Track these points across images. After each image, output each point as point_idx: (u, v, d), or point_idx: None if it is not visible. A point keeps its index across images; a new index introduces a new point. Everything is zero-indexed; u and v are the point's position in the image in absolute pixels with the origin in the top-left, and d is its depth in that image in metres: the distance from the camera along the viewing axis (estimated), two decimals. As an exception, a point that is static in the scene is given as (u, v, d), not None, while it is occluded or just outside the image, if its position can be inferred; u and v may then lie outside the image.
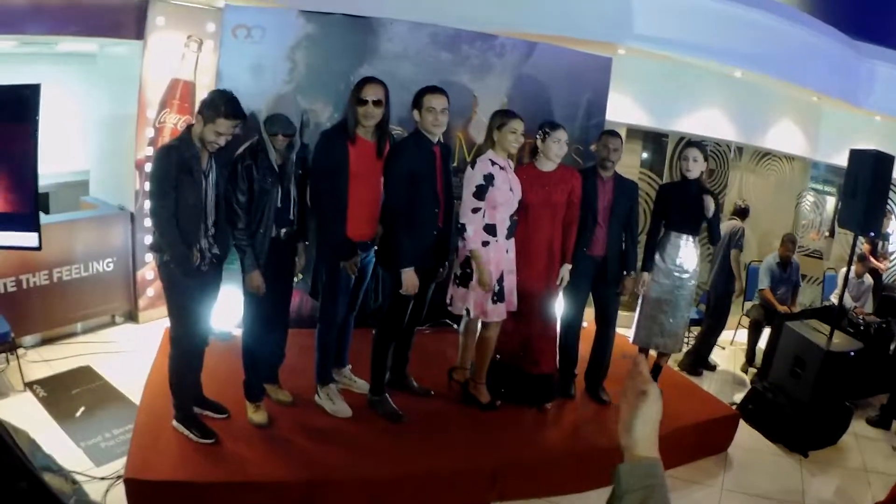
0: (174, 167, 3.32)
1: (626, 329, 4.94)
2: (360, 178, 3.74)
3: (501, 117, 4.02)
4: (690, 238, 4.53)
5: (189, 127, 3.47)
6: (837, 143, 7.74)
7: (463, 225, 3.96)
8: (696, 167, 4.46)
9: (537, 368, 4.37)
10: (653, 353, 4.77)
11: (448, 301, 4.18)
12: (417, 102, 3.79)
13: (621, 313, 4.77)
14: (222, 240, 3.62)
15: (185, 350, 3.63)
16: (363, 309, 4.23)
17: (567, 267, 4.32)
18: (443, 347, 4.86)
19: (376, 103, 3.69)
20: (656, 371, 4.73)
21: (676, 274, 4.53)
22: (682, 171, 4.56)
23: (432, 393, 4.40)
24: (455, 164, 4.32)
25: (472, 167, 3.99)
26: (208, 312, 3.76)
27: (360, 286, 4.09)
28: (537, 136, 4.20)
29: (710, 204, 4.40)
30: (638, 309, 4.74)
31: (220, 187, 3.52)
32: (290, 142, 3.67)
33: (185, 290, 3.52)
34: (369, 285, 4.20)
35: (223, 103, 3.34)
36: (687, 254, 4.52)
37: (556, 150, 4.15)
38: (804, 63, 6.68)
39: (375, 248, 4.00)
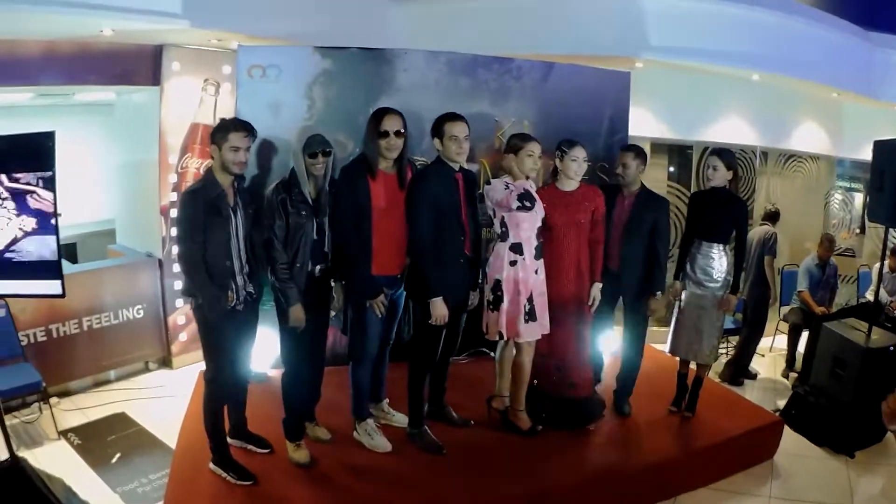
0: (200, 210, 3.34)
1: (660, 344, 4.87)
2: (385, 212, 3.70)
3: (518, 141, 3.99)
4: (720, 247, 4.45)
5: (209, 169, 3.49)
6: (861, 138, 7.64)
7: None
8: (716, 175, 4.38)
9: (574, 391, 4.32)
10: (693, 366, 4.69)
11: (484, 329, 4.12)
12: (438, 131, 3.73)
13: (659, 329, 4.70)
14: (256, 278, 3.62)
15: (220, 392, 3.62)
16: (397, 342, 4.18)
17: (597, 286, 4.27)
18: (480, 376, 4.80)
19: (398, 134, 3.65)
20: (697, 384, 4.65)
21: (707, 283, 4.45)
22: (705, 180, 4.51)
23: (472, 423, 4.34)
24: (480, 191, 4.29)
25: (489, 184, 4.03)
26: (246, 353, 3.75)
27: (393, 320, 4.05)
28: (556, 156, 4.16)
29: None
30: (673, 319, 4.68)
31: (248, 226, 3.54)
32: (326, 165, 3.64)
33: (220, 332, 3.51)
34: (402, 318, 4.15)
35: (228, 122, 3.48)
36: (717, 263, 4.44)
37: (574, 168, 4.11)
38: (819, 59, 6.65)
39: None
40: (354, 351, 3.91)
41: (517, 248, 3.95)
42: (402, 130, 3.67)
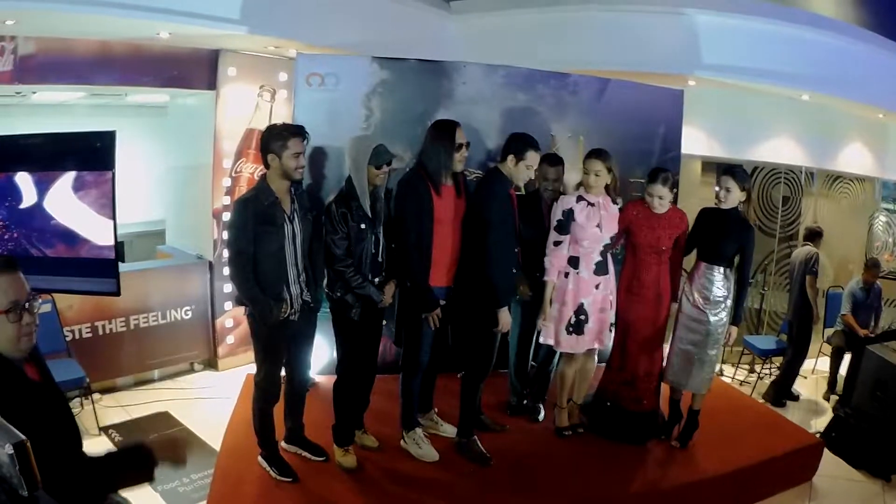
0: (251, 220, 3.32)
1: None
2: (444, 224, 3.70)
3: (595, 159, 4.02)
4: (722, 270, 4.15)
5: (263, 176, 3.47)
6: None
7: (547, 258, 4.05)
8: (729, 197, 4.03)
9: (639, 406, 4.33)
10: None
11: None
12: (520, 154, 3.75)
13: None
14: (314, 286, 3.61)
15: (268, 395, 3.62)
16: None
17: (674, 305, 4.28)
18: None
19: (467, 146, 3.74)
20: (693, 416, 4.35)
21: (705, 308, 4.15)
22: (716, 201, 4.17)
23: (507, 427, 4.40)
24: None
25: (556, 203, 4.07)
26: (304, 359, 3.76)
27: (445, 330, 4.01)
28: (646, 193, 4.15)
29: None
30: (669, 343, 4.42)
31: (307, 232, 3.51)
32: (386, 175, 3.64)
33: (272, 341, 3.52)
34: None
35: (283, 128, 3.42)
36: (718, 287, 4.14)
37: (658, 206, 4.13)
38: (868, 79, 6.56)
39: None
40: (408, 362, 3.93)
41: (573, 262, 4.02)
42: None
